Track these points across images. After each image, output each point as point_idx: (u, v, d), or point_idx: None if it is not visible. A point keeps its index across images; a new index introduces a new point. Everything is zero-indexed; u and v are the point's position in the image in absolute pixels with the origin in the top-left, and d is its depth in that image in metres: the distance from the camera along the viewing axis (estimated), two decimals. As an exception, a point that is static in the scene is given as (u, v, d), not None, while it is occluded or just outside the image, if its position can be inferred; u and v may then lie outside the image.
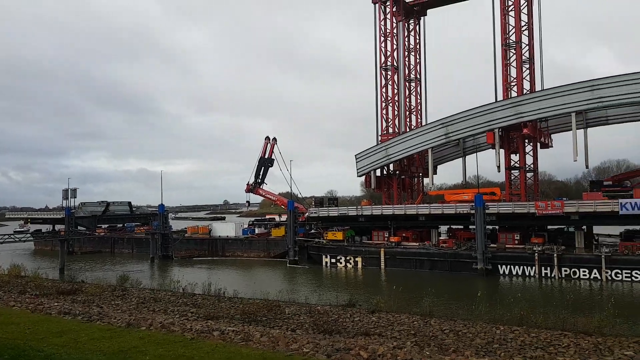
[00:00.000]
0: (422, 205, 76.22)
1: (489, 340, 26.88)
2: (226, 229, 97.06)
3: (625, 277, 55.58)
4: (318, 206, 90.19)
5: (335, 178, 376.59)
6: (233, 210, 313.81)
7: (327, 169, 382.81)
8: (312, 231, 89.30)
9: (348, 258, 74.65)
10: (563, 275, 58.72)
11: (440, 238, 76.25)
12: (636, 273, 55.12)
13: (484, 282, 58.33)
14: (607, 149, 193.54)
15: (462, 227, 77.29)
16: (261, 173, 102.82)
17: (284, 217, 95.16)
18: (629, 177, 75.76)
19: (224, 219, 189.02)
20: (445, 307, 41.61)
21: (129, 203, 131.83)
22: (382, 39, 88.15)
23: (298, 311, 35.00)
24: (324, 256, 77.45)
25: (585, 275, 57.72)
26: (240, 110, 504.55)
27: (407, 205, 77.29)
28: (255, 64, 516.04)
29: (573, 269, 58.45)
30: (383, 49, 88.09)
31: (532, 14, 78.91)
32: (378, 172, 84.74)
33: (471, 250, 64.87)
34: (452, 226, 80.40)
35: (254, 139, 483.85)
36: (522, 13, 76.86)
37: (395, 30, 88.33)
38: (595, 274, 57.11)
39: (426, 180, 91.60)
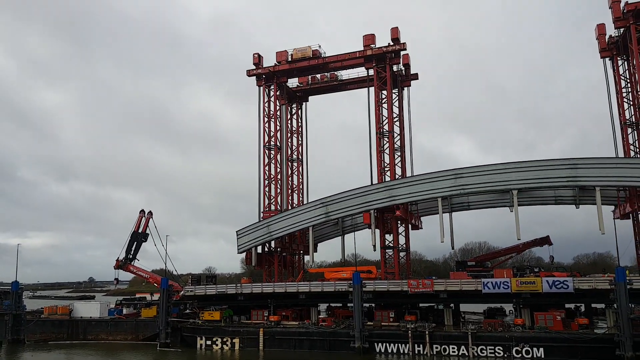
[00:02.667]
0: (302, 283, 75.93)
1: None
2: (90, 309, 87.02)
3: (490, 353, 59.21)
4: (195, 284, 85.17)
5: (213, 254, 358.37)
6: (99, 289, 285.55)
7: (204, 245, 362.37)
8: (187, 311, 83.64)
9: (225, 339, 70.29)
10: (434, 352, 60.92)
11: (320, 317, 75.68)
12: (499, 349, 59.03)
13: (362, 362, 58.20)
14: (470, 232, 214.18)
15: (340, 305, 77.74)
16: (133, 248, 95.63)
17: (156, 296, 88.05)
18: (489, 258, 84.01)
19: (93, 297, 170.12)
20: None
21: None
22: (266, 119, 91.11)
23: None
24: (199, 338, 72.11)
25: (454, 351, 60.44)
26: (106, 180, 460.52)
27: (287, 283, 76.33)
28: (123, 131, 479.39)
29: (443, 346, 61.04)
30: (267, 129, 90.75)
31: (402, 107, 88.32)
32: (259, 249, 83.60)
33: (349, 329, 64.97)
34: (331, 304, 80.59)
35: (122, 211, 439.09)
36: (394, 106, 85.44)
37: (278, 113, 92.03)
38: (463, 350, 60.11)
39: (307, 258, 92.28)
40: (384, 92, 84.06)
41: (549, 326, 60.94)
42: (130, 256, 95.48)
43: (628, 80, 79.39)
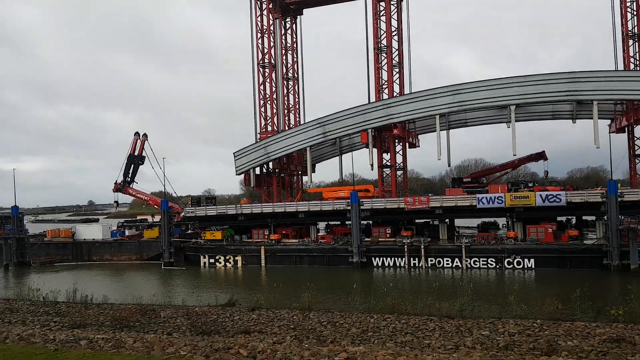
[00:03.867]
0: (301, 202, 77.26)
1: (364, 329, 27.71)
2: (93, 231, 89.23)
3: (482, 264, 61.95)
4: (195, 205, 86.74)
5: (211, 176, 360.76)
6: (100, 212, 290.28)
7: (201, 166, 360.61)
8: (189, 232, 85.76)
9: (227, 257, 72.83)
10: (429, 265, 63.61)
11: (319, 234, 78.01)
12: (491, 261, 61.74)
13: (360, 274, 60.83)
14: (467, 149, 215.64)
15: (339, 222, 79.85)
16: (131, 171, 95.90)
17: (157, 218, 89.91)
18: (485, 174, 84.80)
19: (97, 220, 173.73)
20: (324, 300, 42.30)
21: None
22: (259, 35, 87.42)
23: (175, 314, 33.39)
24: (202, 257, 74.64)
25: (448, 264, 63.13)
26: (95, 101, 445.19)
27: (286, 203, 77.72)
28: (106, 48, 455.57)
29: (438, 259, 63.63)
30: (260, 46, 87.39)
31: (401, 20, 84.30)
32: (257, 170, 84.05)
33: (347, 245, 67.28)
34: (330, 222, 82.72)
35: (114, 134, 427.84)
36: (392, 19, 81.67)
37: (272, 28, 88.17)
38: (457, 262, 62.77)
39: (305, 178, 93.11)
40: (383, 3, 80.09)
41: (540, 238, 63.37)
42: (129, 179, 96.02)
43: (635, -12, 75.72)
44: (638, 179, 75.36)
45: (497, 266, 61.14)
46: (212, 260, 73.71)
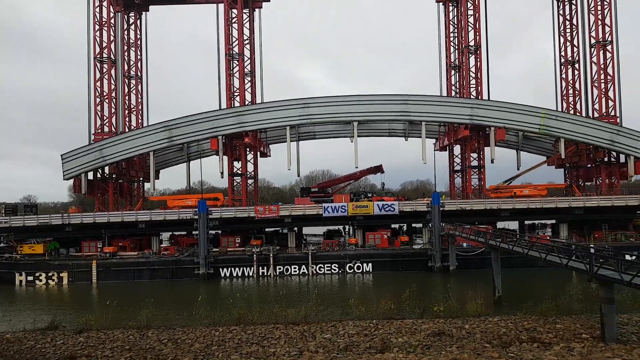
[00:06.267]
0: (142, 211, 71.66)
1: (208, 344, 26.45)
2: None
3: (327, 270, 64.35)
4: (10, 215, 74.47)
5: (34, 182, 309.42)
6: None
7: (20, 170, 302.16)
8: (2, 245, 73.25)
9: (51, 274, 63.82)
10: (278, 273, 63.95)
11: (162, 245, 73.21)
12: (334, 266, 64.49)
13: (206, 287, 58.42)
14: (315, 160, 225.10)
15: (185, 233, 76.02)
16: None
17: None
18: (330, 184, 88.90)
19: None
20: (165, 317, 39.28)
21: None
22: (97, 27, 79.64)
23: (-26, 345, 27.56)
24: (17, 274, 64.20)
25: (295, 271, 64.22)
26: None
27: (125, 212, 71.30)
28: None
29: (286, 267, 64.35)
30: (98, 39, 79.51)
31: (253, 30, 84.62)
32: (90, 176, 75.63)
33: (194, 256, 64.22)
34: (174, 232, 78.22)
35: None
36: (244, 27, 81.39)
37: (112, 21, 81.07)
38: (303, 269, 64.23)
39: (147, 185, 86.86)
40: (235, 10, 79.30)
41: (377, 244, 68.64)
42: None
43: (455, 26, 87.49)
44: (456, 192, 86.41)
45: (340, 271, 64.13)
46: (30, 278, 63.84)
